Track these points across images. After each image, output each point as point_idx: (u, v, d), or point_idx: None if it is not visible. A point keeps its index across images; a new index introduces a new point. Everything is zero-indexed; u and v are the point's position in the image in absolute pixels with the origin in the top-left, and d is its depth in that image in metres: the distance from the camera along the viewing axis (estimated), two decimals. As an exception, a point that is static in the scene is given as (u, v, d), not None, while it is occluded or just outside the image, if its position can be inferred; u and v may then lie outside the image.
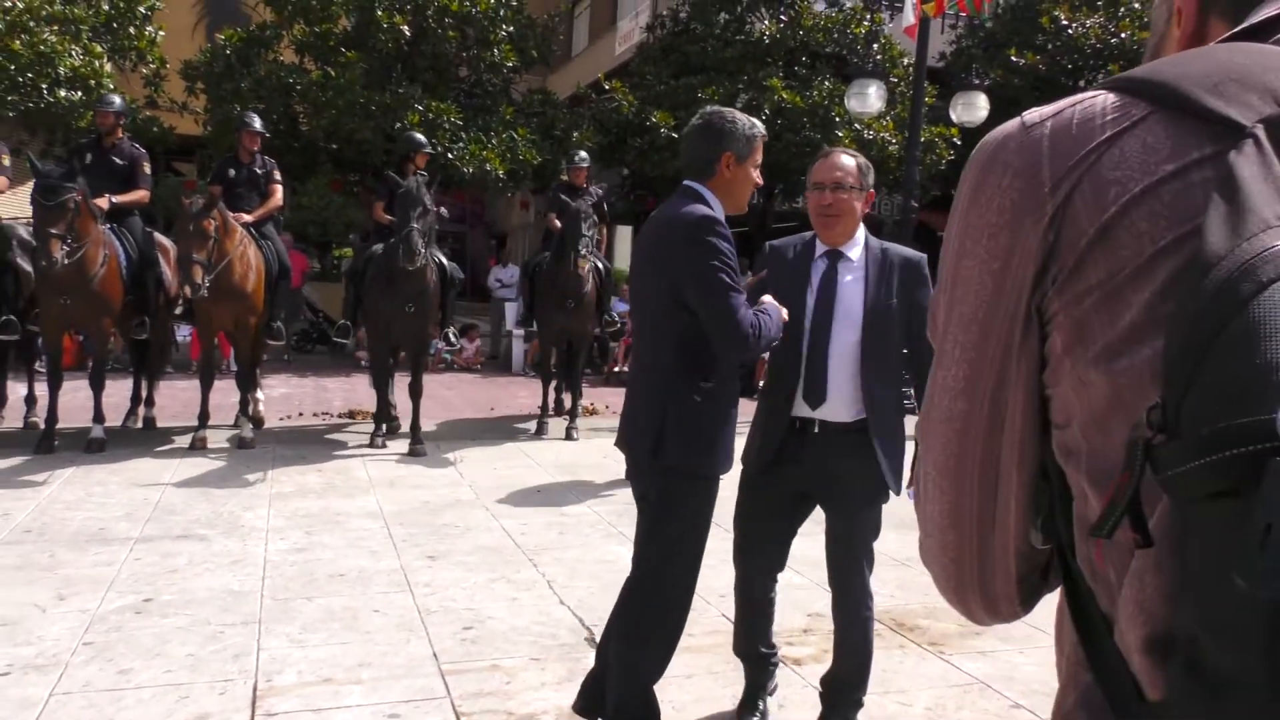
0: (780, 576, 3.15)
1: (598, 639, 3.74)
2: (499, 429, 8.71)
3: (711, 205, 2.73)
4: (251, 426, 7.39)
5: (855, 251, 2.94)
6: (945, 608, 4.26)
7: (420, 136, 8.53)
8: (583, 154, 9.22)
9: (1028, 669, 3.64)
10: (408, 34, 12.97)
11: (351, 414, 9.04)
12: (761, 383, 3.03)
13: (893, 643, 3.88)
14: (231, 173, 7.34)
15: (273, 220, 7.68)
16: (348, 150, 13.32)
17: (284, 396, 10.24)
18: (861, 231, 2.96)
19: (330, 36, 12.96)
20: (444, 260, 7.81)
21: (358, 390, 10.97)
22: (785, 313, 2.77)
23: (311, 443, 7.63)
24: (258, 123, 7.63)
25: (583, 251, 7.60)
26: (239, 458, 6.88)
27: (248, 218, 7.22)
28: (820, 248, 2.96)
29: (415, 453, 7.19)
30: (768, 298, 2.77)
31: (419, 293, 7.16)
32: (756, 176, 2.84)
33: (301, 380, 11.69)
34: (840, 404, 2.87)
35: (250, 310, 7.06)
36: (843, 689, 3.05)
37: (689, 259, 2.63)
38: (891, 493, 2.93)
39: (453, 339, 12.21)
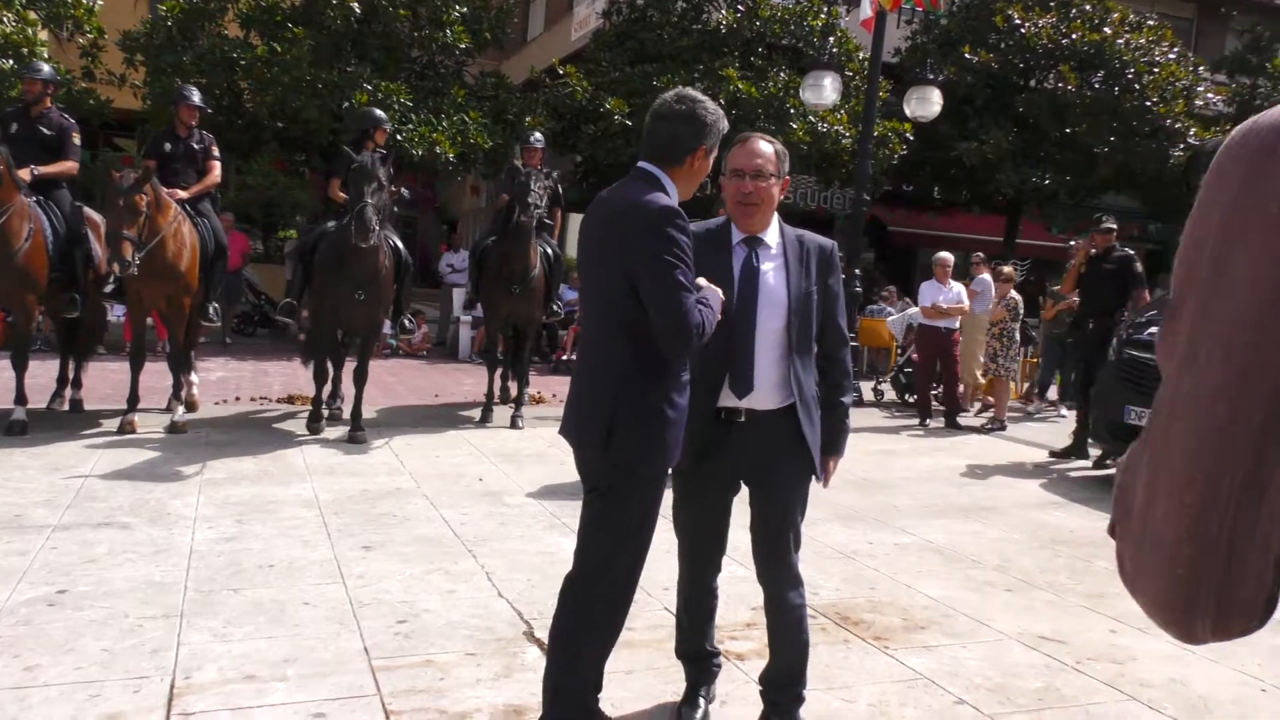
0: (724, 567, 3.07)
1: (536, 633, 3.64)
2: (442, 416, 8.54)
3: (670, 193, 2.65)
4: (184, 411, 7.14)
5: (773, 238, 2.90)
6: (890, 601, 4.24)
7: (379, 112, 8.21)
8: (538, 135, 8.97)
9: (971, 664, 3.60)
10: (358, 11, 12.65)
11: (291, 399, 8.81)
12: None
13: (837, 638, 3.81)
14: (168, 147, 7.06)
15: (210, 198, 7.41)
16: (294, 129, 12.98)
17: (221, 380, 9.96)
18: (776, 218, 2.91)
19: (277, 11, 12.60)
20: (399, 244, 7.56)
21: (298, 375, 10.68)
22: (722, 295, 2.68)
23: (247, 428, 7.40)
24: (196, 96, 7.35)
25: (531, 203, 7.50)
26: (169, 443, 6.64)
27: (183, 194, 6.95)
28: (737, 235, 2.88)
29: (355, 440, 6.99)
30: (703, 281, 2.66)
31: (371, 278, 6.89)
32: (709, 166, 2.78)
33: (240, 364, 11.39)
34: (767, 393, 2.83)
35: (183, 290, 6.80)
36: (784, 684, 2.99)
37: (647, 250, 2.53)
38: (820, 484, 2.94)
39: (408, 324, 11.99)
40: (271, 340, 14.02)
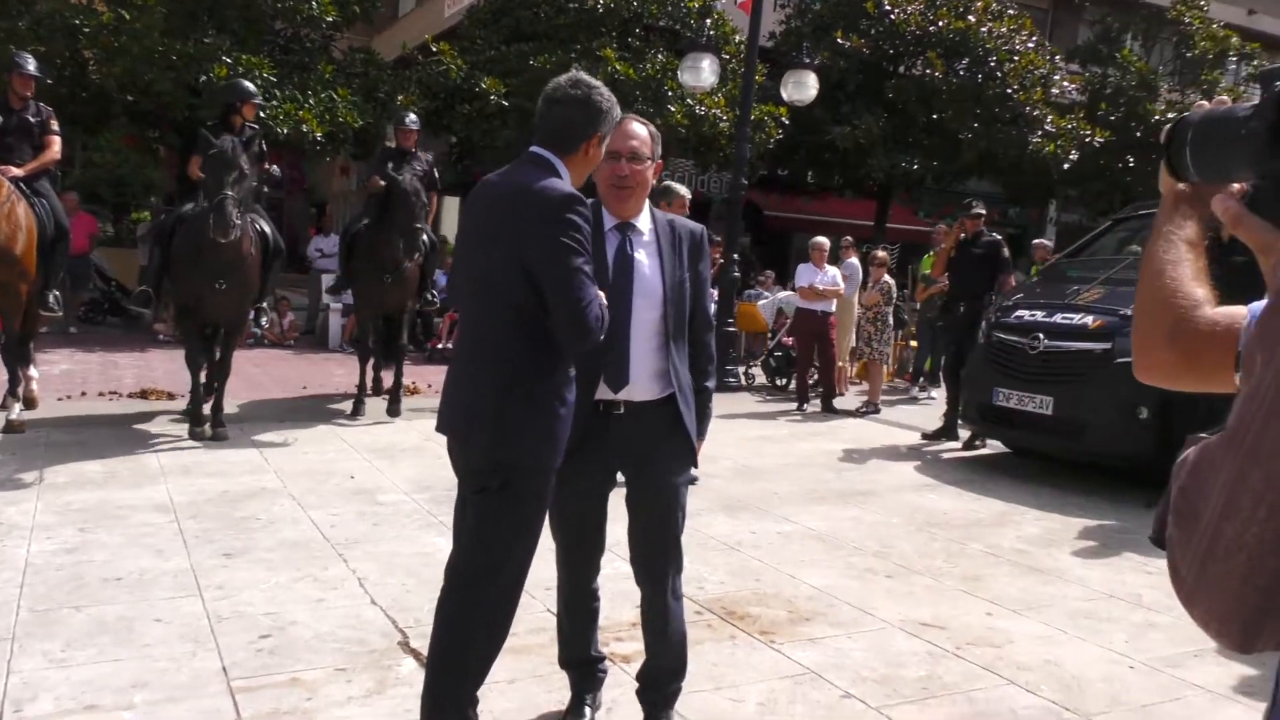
0: (605, 565, 2.95)
1: (412, 643, 3.46)
2: (311, 410, 8.17)
3: (564, 179, 2.52)
4: (21, 408, 6.58)
5: (645, 224, 2.81)
6: (776, 593, 4.21)
7: (248, 84, 7.58)
8: (412, 116, 8.54)
9: (856, 654, 3.59)
10: (213, -23, 11.95)
11: (144, 393, 8.27)
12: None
13: (723, 634, 3.75)
14: (-1, 120, 6.48)
15: (50, 176, 6.83)
16: (145, 102, 12.18)
17: (65, 374, 9.28)
18: (647, 203, 2.83)
19: (124, -24, 11.77)
20: (266, 228, 7.07)
21: (153, 367, 10.10)
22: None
23: (94, 426, 6.88)
24: (31, 64, 6.74)
25: (420, 230, 7.31)
26: (5, 445, 6.11)
27: (17, 171, 6.36)
28: (609, 220, 2.77)
29: (216, 436, 6.58)
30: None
31: (233, 267, 6.45)
32: (602, 154, 2.66)
33: (87, 356, 10.65)
34: (645, 384, 2.74)
35: (19, 276, 6.25)
36: (665, 680, 2.92)
37: (549, 237, 2.39)
38: (695, 473, 2.90)
39: (264, 320, 11.40)
40: (123, 330, 13.19)
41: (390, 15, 24.94)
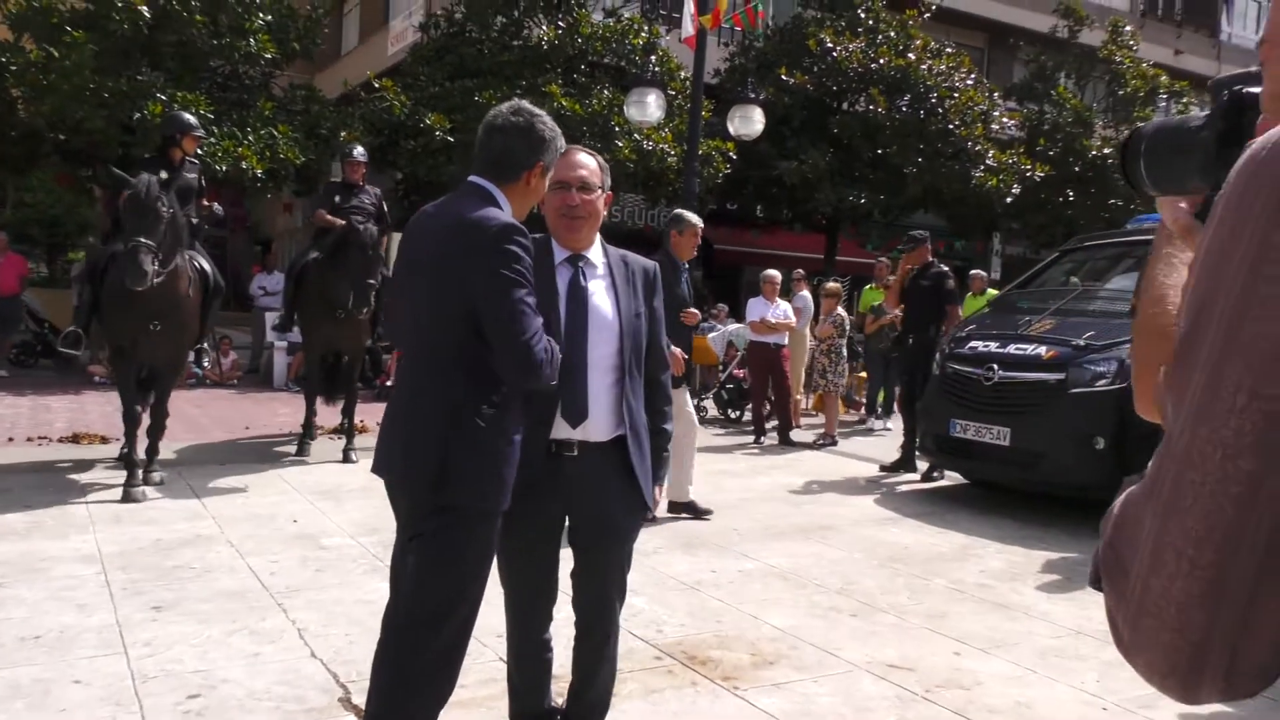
0: (557, 614, 2.79)
1: (354, 698, 3.24)
2: (253, 451, 7.87)
3: (504, 210, 2.41)
4: (-61, 456, 6.24)
5: (598, 257, 2.70)
6: (738, 636, 4.05)
7: (189, 116, 7.24)
8: (360, 149, 8.29)
9: (823, 700, 3.44)
10: (147, 15, 11.67)
11: (75, 437, 7.91)
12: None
13: (684, 680, 3.58)
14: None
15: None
16: (77, 141, 11.84)
17: (-7, 419, 8.88)
18: (598, 236, 2.73)
19: (53, 13, 11.46)
20: (206, 265, 6.73)
21: (87, 410, 9.72)
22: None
23: (19, 473, 6.54)
24: None
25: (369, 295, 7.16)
26: (-79, 494, 5.77)
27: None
28: (560, 252, 2.66)
29: (149, 481, 6.24)
30: None
31: (169, 307, 6.10)
32: (546, 188, 2.56)
33: (17, 399, 10.22)
34: (600, 422, 2.62)
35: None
36: (589, 715, 2.83)
37: (487, 270, 2.27)
38: (650, 512, 2.78)
39: (205, 360, 11.04)
40: (57, 372, 12.70)
41: (333, 53, 24.80)
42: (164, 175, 6.45)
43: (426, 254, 2.40)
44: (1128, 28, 21.05)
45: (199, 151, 10.51)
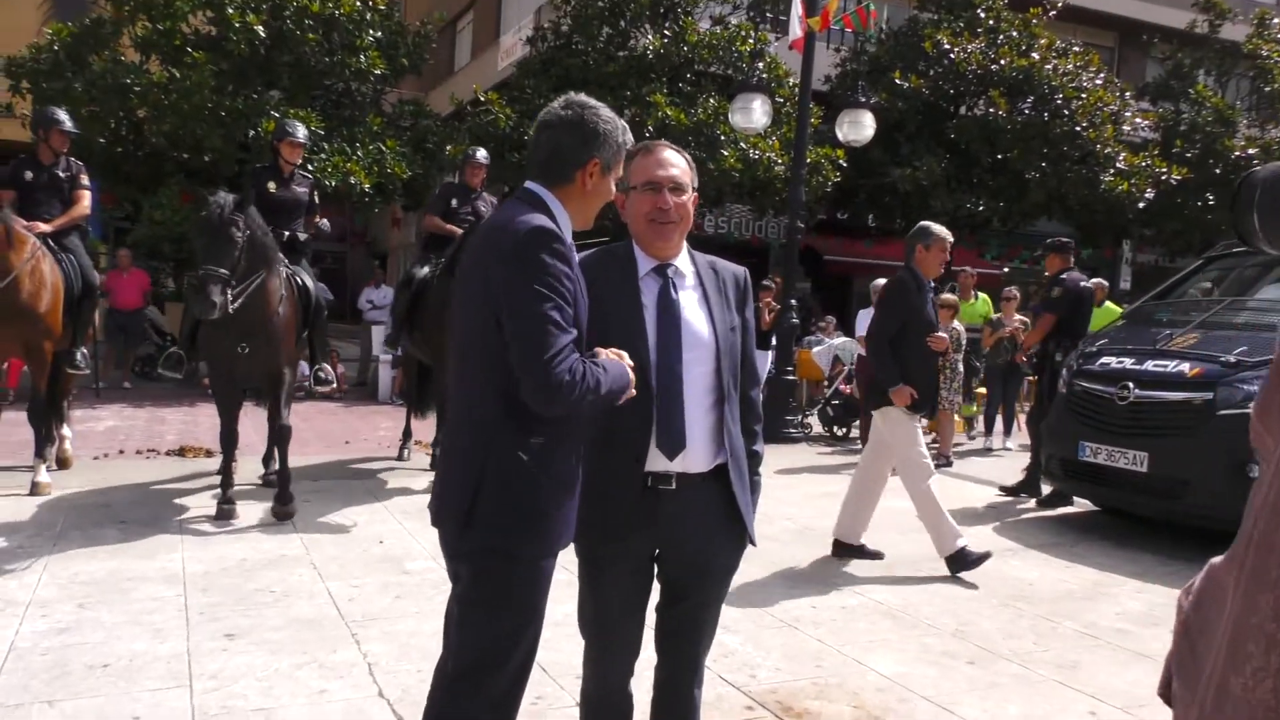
0: (638, 665, 2.51)
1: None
2: (350, 466, 7.83)
3: (557, 217, 2.13)
4: (45, 470, 6.32)
5: (687, 266, 2.42)
6: (839, 682, 3.66)
7: (294, 123, 7.00)
8: (482, 151, 7.91)
9: (937, 764, 3.04)
10: (263, 35, 11.96)
11: (182, 450, 8.03)
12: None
13: (779, 735, 3.23)
14: (29, 175, 6.31)
15: (79, 230, 6.67)
16: (197, 159, 12.19)
17: (109, 430, 9.14)
18: (685, 242, 2.45)
19: (176, 35, 11.84)
20: (309, 282, 6.53)
21: (199, 422, 9.92)
22: (630, 370, 2.15)
23: (124, 487, 6.60)
24: (68, 121, 6.62)
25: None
26: (25, 507, 5.85)
27: (45, 227, 6.19)
28: (646, 262, 2.37)
29: (281, 516, 5.78)
30: (606, 353, 2.14)
31: (256, 329, 5.81)
32: (613, 190, 2.28)
33: (135, 411, 10.53)
34: (700, 451, 2.33)
35: (44, 334, 6.04)
36: None
37: (507, 280, 2.02)
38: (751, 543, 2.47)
39: (322, 375, 11.15)
40: (177, 385, 13.10)
41: (446, 70, 25.25)
42: (272, 186, 6.42)
43: (465, 269, 2.17)
44: (1276, 19, 19.64)
45: (309, 168, 10.69)
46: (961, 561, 5.22)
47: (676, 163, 2.36)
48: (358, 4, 12.78)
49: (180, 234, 19.32)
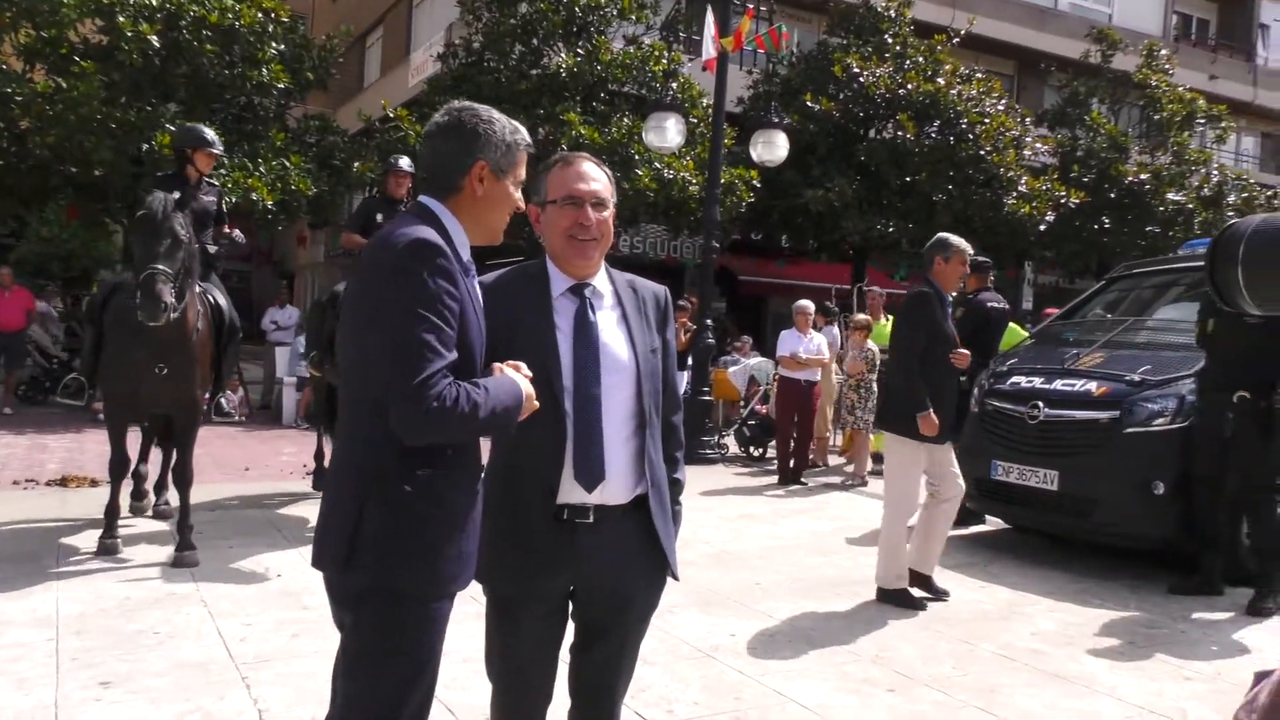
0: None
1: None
2: (248, 496, 7.45)
3: (449, 230, 1.97)
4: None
5: (604, 284, 2.28)
6: (760, 717, 3.55)
7: (205, 129, 6.44)
8: (406, 159, 7.39)
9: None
10: (157, 45, 11.46)
11: (64, 480, 7.54)
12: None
13: (699, 776, 3.08)
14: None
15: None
16: (86, 173, 11.60)
17: (-14, 460, 8.55)
18: (604, 261, 2.31)
19: (63, 43, 11.27)
20: (220, 300, 6.03)
21: (85, 449, 9.37)
22: (526, 383, 1.98)
23: (1, 519, 6.15)
24: None
25: None
26: (-117, 546, 5.38)
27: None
28: (562, 281, 2.23)
29: (182, 563, 5.25)
30: (501, 366, 1.99)
31: (175, 347, 5.33)
32: (518, 197, 2.10)
33: (15, 439, 9.90)
34: (620, 482, 2.19)
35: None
36: None
37: (376, 299, 1.86)
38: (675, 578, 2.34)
39: (224, 405, 10.66)
40: (63, 410, 12.42)
41: (355, 87, 24.77)
42: (177, 195, 5.92)
43: (351, 284, 1.99)
44: (1163, 51, 20.54)
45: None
46: (898, 599, 5.08)
47: (597, 176, 2.23)
48: (259, 16, 12.37)
49: (69, 251, 18.47)
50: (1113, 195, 18.51)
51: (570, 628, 2.30)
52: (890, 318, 11.50)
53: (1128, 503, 5.67)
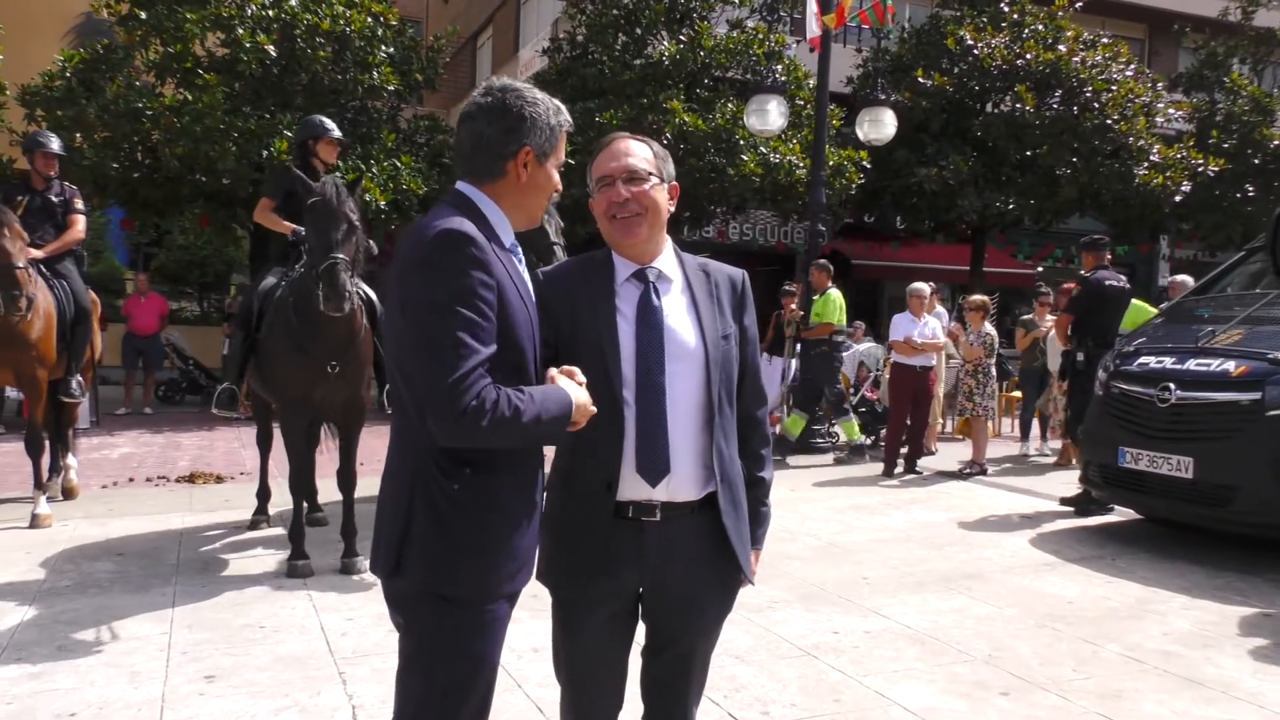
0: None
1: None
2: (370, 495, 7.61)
3: (489, 218, 1.90)
4: (45, 500, 6.16)
5: (672, 269, 2.14)
6: (859, 719, 3.38)
7: (325, 120, 6.08)
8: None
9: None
10: (274, 54, 11.85)
11: (192, 477, 7.87)
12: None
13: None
14: (21, 200, 6.17)
15: (73, 255, 6.53)
16: (213, 181, 12.11)
17: (124, 458, 9.01)
18: (670, 244, 2.18)
19: (188, 57, 11.77)
20: (371, 294, 5.54)
21: (214, 447, 9.79)
22: (580, 391, 1.88)
23: (130, 517, 6.40)
24: (55, 143, 6.48)
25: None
26: (22, 541, 5.68)
27: (37, 253, 6.05)
28: (624, 267, 2.11)
29: (348, 570, 5.13)
30: (555, 373, 1.90)
31: (345, 344, 5.05)
32: (557, 180, 2.00)
33: (152, 438, 10.41)
34: (687, 477, 2.07)
35: (37, 362, 5.89)
36: None
37: (403, 294, 1.79)
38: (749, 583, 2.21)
39: (387, 404, 10.82)
40: (201, 409, 13.02)
41: (468, 86, 25.21)
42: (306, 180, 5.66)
43: (389, 284, 1.94)
44: (1312, 4, 19.11)
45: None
46: None
47: (632, 151, 2.10)
48: (369, 20, 12.66)
49: (203, 258, 19.38)
50: (1257, 161, 17.34)
51: (642, 629, 2.21)
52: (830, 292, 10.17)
53: (1271, 491, 5.23)
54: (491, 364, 1.76)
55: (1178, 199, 15.85)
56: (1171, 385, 5.77)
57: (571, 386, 1.85)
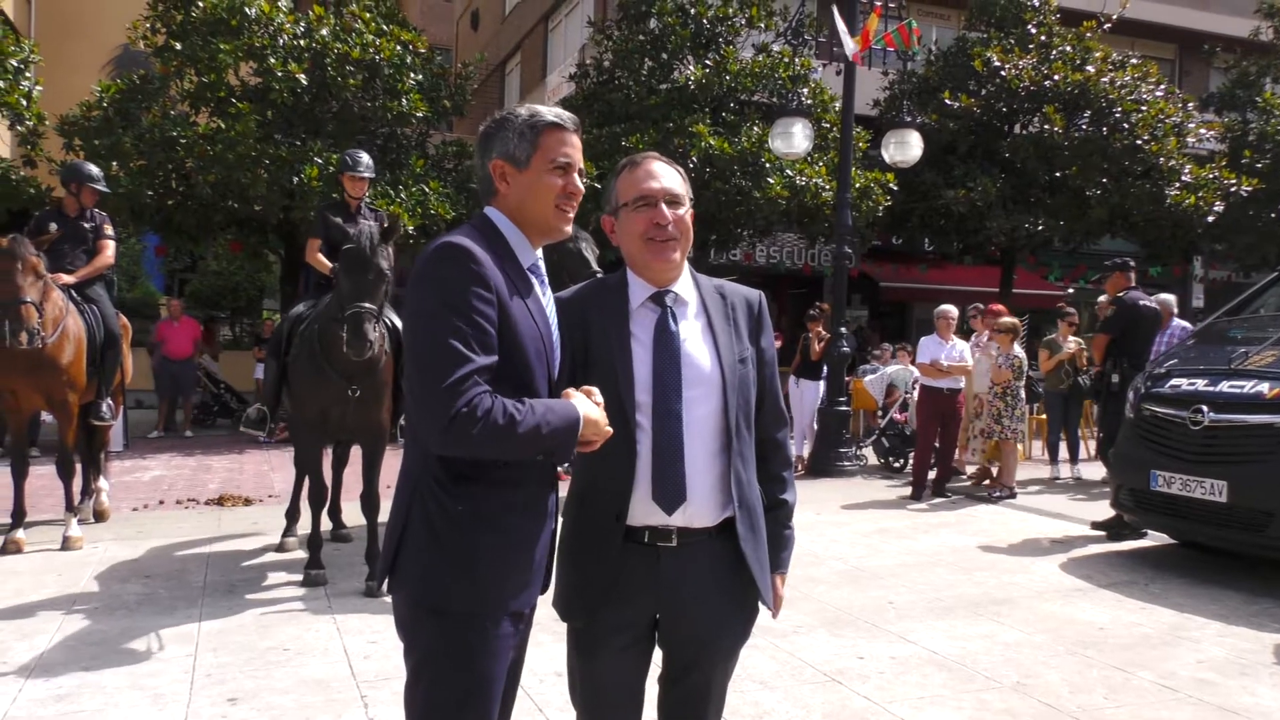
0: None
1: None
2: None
3: (506, 237, 1.93)
4: (76, 523, 6.23)
5: (688, 292, 2.14)
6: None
7: (358, 153, 6.29)
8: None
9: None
10: (305, 83, 12.04)
11: (220, 500, 7.93)
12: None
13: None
14: (53, 227, 6.28)
15: (104, 280, 6.64)
16: (246, 208, 12.29)
17: (154, 480, 9.10)
18: (687, 265, 2.18)
19: (220, 86, 11.98)
20: (397, 321, 5.63)
21: (244, 470, 9.87)
22: (592, 408, 1.87)
23: (157, 538, 6.48)
24: (100, 179, 6.68)
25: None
26: (53, 563, 5.75)
27: (68, 279, 6.16)
28: (641, 290, 2.10)
29: (370, 593, 5.17)
30: (571, 391, 1.91)
31: (367, 371, 5.29)
32: (558, 180, 1.95)
33: (184, 460, 10.51)
34: (704, 503, 2.05)
35: (68, 386, 5.97)
36: None
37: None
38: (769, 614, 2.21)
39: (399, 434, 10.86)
40: (231, 433, 13.15)
41: (496, 111, 25.43)
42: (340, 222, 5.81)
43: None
44: (1344, 22, 18.87)
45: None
46: None
47: (668, 173, 2.11)
48: (398, 49, 12.83)
49: (235, 284, 19.64)
50: (1291, 181, 17.07)
51: (659, 656, 2.19)
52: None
53: (1309, 516, 5.13)
54: (496, 379, 1.77)
55: (1210, 219, 15.66)
56: (1204, 407, 5.69)
57: (583, 402, 1.85)
